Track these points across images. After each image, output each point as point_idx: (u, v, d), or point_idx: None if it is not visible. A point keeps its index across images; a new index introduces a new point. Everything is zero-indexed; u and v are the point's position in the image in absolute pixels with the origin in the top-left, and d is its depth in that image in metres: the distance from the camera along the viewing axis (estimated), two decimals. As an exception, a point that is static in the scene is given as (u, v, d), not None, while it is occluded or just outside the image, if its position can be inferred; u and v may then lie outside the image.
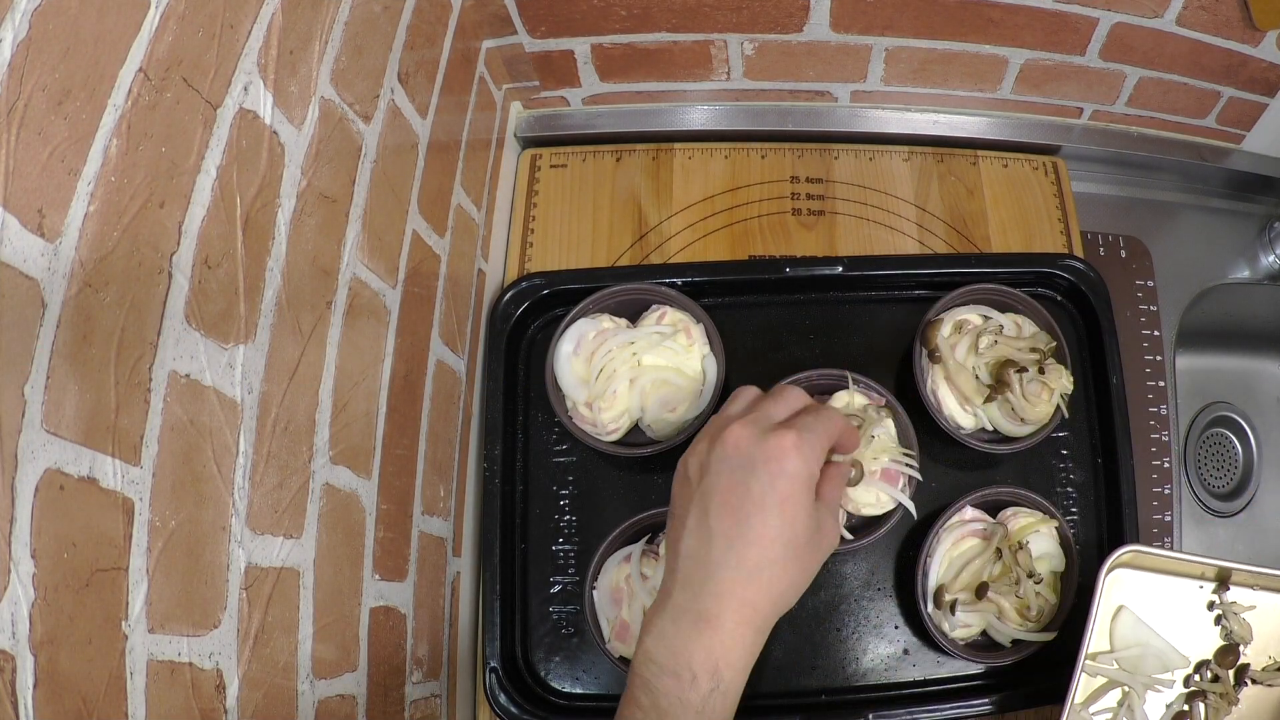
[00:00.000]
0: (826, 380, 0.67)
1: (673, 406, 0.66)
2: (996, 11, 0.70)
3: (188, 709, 0.35)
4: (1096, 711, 0.59)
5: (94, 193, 0.30)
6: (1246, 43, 0.70)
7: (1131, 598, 0.61)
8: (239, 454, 0.39)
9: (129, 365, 0.32)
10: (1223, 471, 0.93)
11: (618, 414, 0.66)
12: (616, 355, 0.65)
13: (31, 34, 0.27)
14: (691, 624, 0.45)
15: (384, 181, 0.53)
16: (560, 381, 0.67)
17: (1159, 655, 0.60)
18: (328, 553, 0.47)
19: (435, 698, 0.62)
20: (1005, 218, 0.80)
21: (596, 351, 0.66)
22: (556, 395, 0.67)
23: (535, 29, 0.73)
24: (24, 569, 0.27)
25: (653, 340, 0.66)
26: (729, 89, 0.81)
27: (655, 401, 0.66)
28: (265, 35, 0.40)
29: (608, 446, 0.66)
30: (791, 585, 0.48)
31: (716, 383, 0.67)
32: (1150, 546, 0.60)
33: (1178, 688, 0.61)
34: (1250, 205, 0.86)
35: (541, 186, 0.81)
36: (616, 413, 0.66)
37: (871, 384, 0.66)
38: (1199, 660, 0.61)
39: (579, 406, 0.66)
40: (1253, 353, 0.95)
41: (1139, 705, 0.59)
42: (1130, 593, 0.61)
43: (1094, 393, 0.71)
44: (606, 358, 0.66)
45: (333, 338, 0.47)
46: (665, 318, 0.68)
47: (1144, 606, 0.61)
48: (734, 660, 0.45)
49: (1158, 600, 0.61)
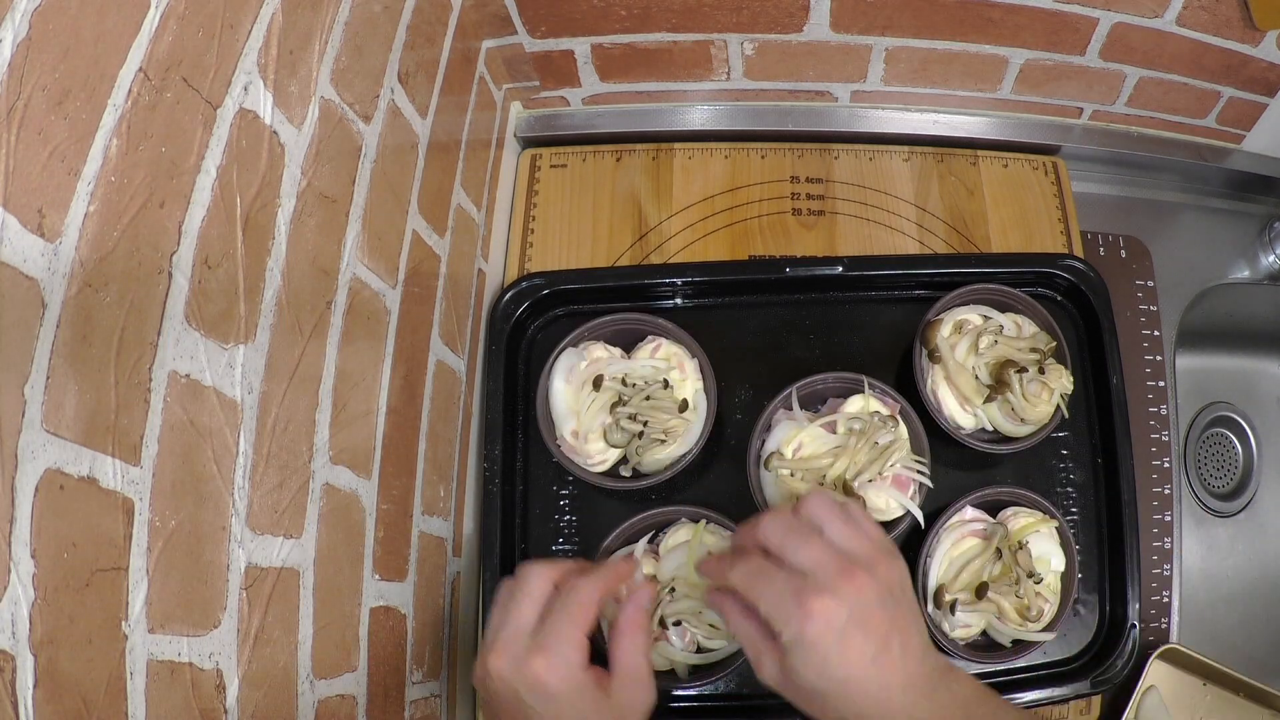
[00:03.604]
0: (842, 384, 0.67)
1: (667, 447, 0.65)
2: (996, 11, 0.70)
3: (188, 709, 0.35)
4: None
5: (94, 193, 0.30)
6: (1246, 43, 0.70)
7: (1163, 682, 0.64)
8: (239, 454, 0.39)
9: (129, 365, 0.32)
10: (1223, 471, 0.93)
11: (604, 446, 0.65)
12: (607, 389, 0.65)
13: (31, 34, 0.27)
14: None
15: (384, 181, 0.53)
16: (552, 408, 0.66)
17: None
18: (328, 553, 0.47)
19: (435, 698, 0.62)
20: (1005, 218, 0.80)
21: (587, 383, 0.66)
22: (546, 423, 0.67)
23: (535, 29, 0.73)
24: (24, 569, 0.27)
25: (645, 373, 0.66)
26: (729, 89, 0.81)
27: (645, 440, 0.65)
28: (265, 35, 0.40)
29: (594, 477, 0.66)
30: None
31: (707, 418, 0.66)
32: (1193, 650, 0.67)
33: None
34: (1250, 205, 0.86)
35: (541, 186, 0.81)
36: (603, 444, 0.65)
37: (887, 389, 0.66)
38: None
39: (566, 436, 0.66)
40: (1253, 353, 0.95)
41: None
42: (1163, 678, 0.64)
43: (1094, 393, 0.71)
44: (592, 398, 0.65)
45: (333, 338, 0.47)
46: (660, 350, 0.68)
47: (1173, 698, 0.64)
48: None
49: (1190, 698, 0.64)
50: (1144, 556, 0.73)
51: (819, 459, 0.63)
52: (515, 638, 0.50)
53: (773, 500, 0.64)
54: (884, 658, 0.46)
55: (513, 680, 0.48)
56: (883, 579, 0.48)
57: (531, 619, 0.51)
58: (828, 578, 0.47)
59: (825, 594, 0.46)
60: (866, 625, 0.46)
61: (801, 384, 0.66)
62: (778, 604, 0.47)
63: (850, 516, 0.50)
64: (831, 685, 0.46)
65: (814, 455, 0.64)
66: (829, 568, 0.47)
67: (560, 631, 0.49)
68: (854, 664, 0.46)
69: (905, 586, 0.50)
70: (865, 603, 0.46)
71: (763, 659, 0.49)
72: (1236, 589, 0.88)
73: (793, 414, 0.65)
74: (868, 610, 0.46)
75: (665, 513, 0.65)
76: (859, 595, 0.46)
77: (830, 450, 0.63)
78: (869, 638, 0.46)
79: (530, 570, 0.53)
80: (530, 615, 0.51)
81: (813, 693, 0.47)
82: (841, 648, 0.46)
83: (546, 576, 0.52)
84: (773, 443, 0.65)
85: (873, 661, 0.46)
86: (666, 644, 0.61)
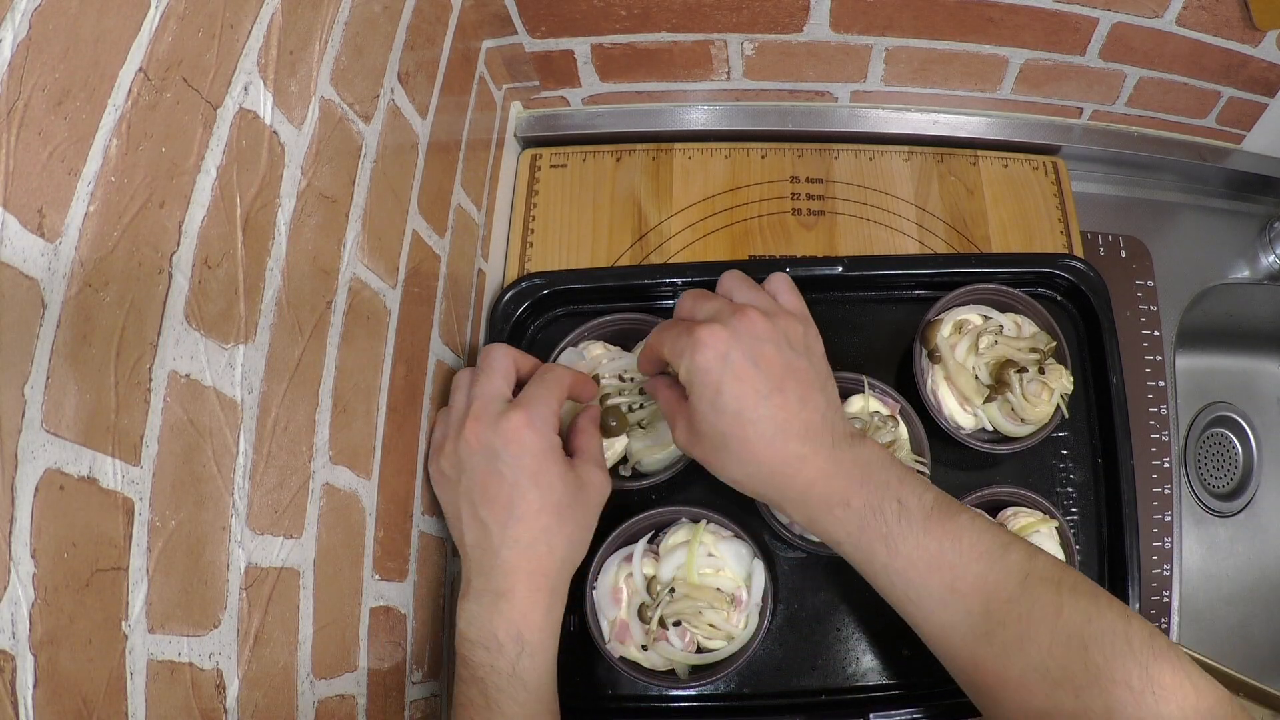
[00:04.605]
0: (842, 384, 0.67)
1: (664, 442, 0.65)
2: (996, 11, 0.70)
3: (188, 709, 0.35)
4: None
5: (94, 193, 0.30)
6: (1246, 43, 0.70)
7: None
8: (239, 454, 0.39)
9: (129, 365, 0.32)
10: (1223, 471, 0.93)
11: (604, 446, 0.65)
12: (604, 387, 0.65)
13: (31, 34, 0.27)
14: (491, 602, 0.50)
15: (384, 181, 0.53)
16: None
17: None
18: (328, 553, 0.47)
19: (435, 698, 0.62)
20: (1005, 218, 0.80)
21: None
22: None
23: (535, 29, 0.73)
24: (24, 569, 0.27)
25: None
26: (729, 89, 0.81)
27: (642, 436, 0.65)
28: (265, 35, 0.40)
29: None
30: (571, 543, 0.52)
31: None
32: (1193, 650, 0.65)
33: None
34: (1250, 205, 0.86)
35: (541, 186, 0.81)
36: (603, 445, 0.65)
37: (887, 389, 0.66)
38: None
39: None
40: (1253, 353, 0.95)
41: None
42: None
43: (1094, 393, 0.71)
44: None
45: (333, 338, 0.47)
46: None
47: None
48: (534, 622, 0.50)
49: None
50: (1144, 556, 0.73)
51: (819, 459, 0.63)
52: (490, 403, 0.52)
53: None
54: (777, 398, 0.47)
55: (490, 439, 0.50)
56: (781, 328, 0.49)
57: (503, 389, 0.53)
58: (721, 316, 0.49)
59: (714, 324, 0.48)
60: (757, 360, 0.48)
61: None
62: (674, 341, 0.50)
63: (759, 286, 0.53)
64: (726, 422, 0.48)
65: (814, 455, 0.63)
66: (724, 311, 0.50)
67: (539, 395, 0.52)
68: (745, 397, 0.47)
69: (812, 349, 0.51)
70: (756, 337, 0.48)
71: (676, 421, 0.52)
72: (1236, 589, 0.88)
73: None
74: (758, 345, 0.48)
75: (665, 513, 0.65)
76: (749, 329, 0.48)
77: (830, 450, 0.63)
78: (760, 372, 0.47)
79: (494, 350, 0.55)
80: (502, 386, 0.53)
81: (713, 438, 0.49)
82: (733, 377, 0.47)
83: (510, 356, 0.55)
84: (773, 443, 0.65)
85: (765, 399, 0.47)
86: (666, 644, 0.61)
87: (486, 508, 0.51)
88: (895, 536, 0.47)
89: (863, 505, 0.48)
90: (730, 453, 0.49)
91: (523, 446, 0.50)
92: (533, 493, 0.50)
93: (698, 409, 0.49)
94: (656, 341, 0.53)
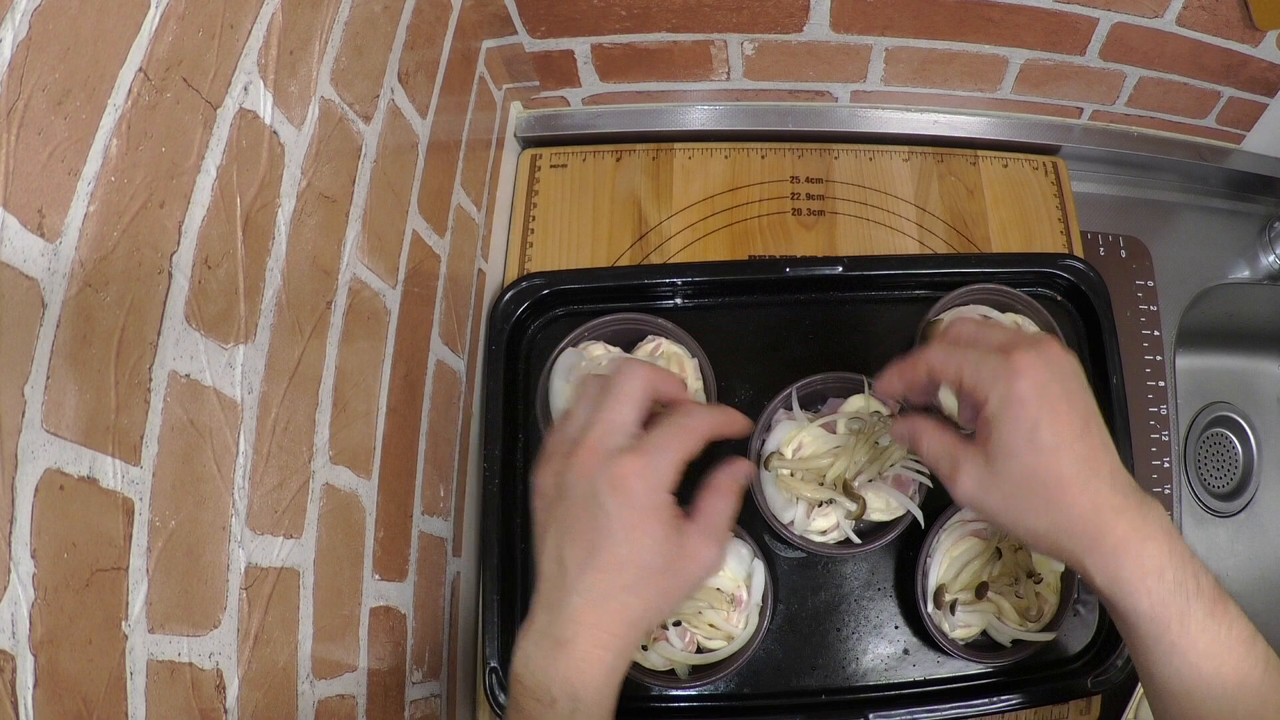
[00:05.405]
0: (842, 384, 0.67)
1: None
2: (996, 11, 0.70)
3: (188, 709, 0.35)
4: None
5: (94, 193, 0.30)
6: (1246, 43, 0.70)
7: None
8: (239, 454, 0.39)
9: (129, 365, 0.32)
10: (1223, 471, 0.93)
11: None
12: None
13: (31, 34, 0.27)
14: (550, 648, 0.45)
15: (384, 181, 0.53)
16: (552, 407, 0.66)
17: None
18: (328, 553, 0.47)
19: (435, 698, 0.62)
20: (1005, 218, 0.80)
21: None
22: (546, 423, 0.67)
23: (535, 29, 0.73)
24: (24, 569, 0.27)
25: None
26: (729, 89, 0.81)
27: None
28: (265, 35, 0.40)
29: None
30: (648, 609, 0.46)
31: None
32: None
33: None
34: (1250, 205, 0.86)
35: (541, 186, 0.81)
36: None
37: None
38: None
39: None
40: (1253, 353, 0.95)
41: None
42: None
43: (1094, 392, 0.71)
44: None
45: (333, 338, 0.47)
46: (660, 350, 0.67)
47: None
48: (590, 681, 0.45)
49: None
50: (1144, 556, 0.73)
51: (819, 459, 0.63)
52: (610, 435, 0.46)
53: (772, 500, 0.64)
54: (1088, 439, 0.44)
55: (596, 476, 0.45)
56: (1077, 365, 0.46)
57: (629, 421, 0.47)
58: (1023, 344, 0.45)
59: (1031, 350, 0.44)
60: (1070, 395, 0.44)
61: (801, 384, 0.66)
62: (983, 365, 0.45)
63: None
64: (1043, 461, 0.43)
65: (814, 455, 0.64)
66: (1023, 339, 0.45)
67: (663, 443, 0.46)
68: (1063, 431, 0.43)
69: (1089, 391, 0.47)
70: (1064, 370, 0.44)
71: (961, 466, 0.46)
72: (1236, 589, 0.88)
73: (793, 414, 0.65)
74: (1068, 379, 0.44)
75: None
76: (1059, 361, 0.44)
77: (830, 450, 0.63)
78: (1072, 409, 0.44)
79: (630, 369, 0.48)
80: (628, 416, 0.47)
81: (1020, 480, 0.44)
82: (1050, 411, 0.43)
83: (648, 381, 0.48)
84: (773, 443, 0.65)
85: (1080, 438, 0.44)
86: (666, 644, 0.61)
87: (570, 544, 0.46)
88: (1189, 616, 0.43)
89: (1174, 580, 0.44)
90: (1038, 497, 0.44)
91: (628, 496, 0.45)
92: (623, 547, 0.45)
93: (1008, 444, 0.44)
94: (945, 365, 0.47)
